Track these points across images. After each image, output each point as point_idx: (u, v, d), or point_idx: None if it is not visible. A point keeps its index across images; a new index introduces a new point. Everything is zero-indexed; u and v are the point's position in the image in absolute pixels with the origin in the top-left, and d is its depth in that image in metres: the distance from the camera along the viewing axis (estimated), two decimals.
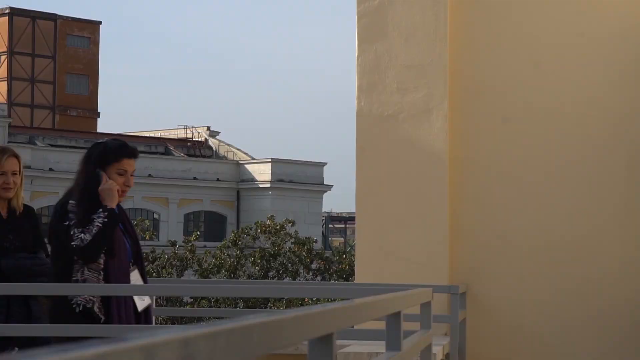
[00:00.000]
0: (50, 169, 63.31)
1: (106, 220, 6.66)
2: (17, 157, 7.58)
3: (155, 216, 67.08)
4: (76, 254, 6.66)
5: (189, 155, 72.47)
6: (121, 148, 7.11)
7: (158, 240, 58.16)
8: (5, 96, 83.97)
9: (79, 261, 6.71)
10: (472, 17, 10.71)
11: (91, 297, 6.67)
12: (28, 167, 62.07)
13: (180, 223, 68.26)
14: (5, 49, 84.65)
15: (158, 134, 76.16)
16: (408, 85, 10.58)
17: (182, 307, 31.26)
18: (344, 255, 42.00)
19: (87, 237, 6.61)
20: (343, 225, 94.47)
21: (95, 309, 6.66)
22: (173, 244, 41.49)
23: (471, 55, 10.71)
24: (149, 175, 67.15)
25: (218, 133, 76.08)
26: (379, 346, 7.97)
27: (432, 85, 10.54)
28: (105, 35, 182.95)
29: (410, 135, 10.52)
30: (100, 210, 6.71)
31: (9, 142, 61.58)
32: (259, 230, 42.50)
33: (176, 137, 75.16)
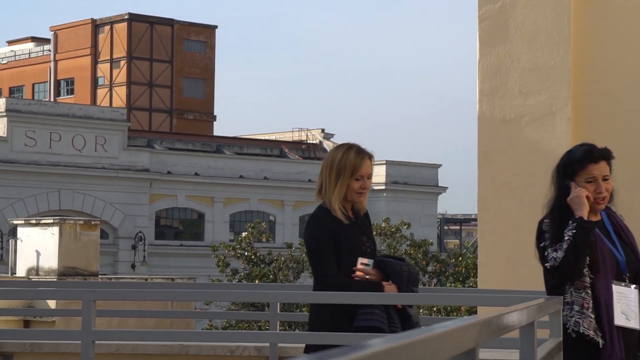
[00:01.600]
0: (168, 172, 64.36)
1: (574, 231, 6.06)
2: (372, 158, 7.17)
3: (271, 218, 67.67)
4: (555, 276, 6.13)
5: (304, 158, 72.88)
6: (585, 154, 6.39)
7: (274, 242, 58.72)
8: (125, 100, 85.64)
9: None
10: (596, 19, 10.54)
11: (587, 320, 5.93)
12: (147, 170, 63.20)
13: (295, 225, 68.69)
14: (124, 55, 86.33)
15: (273, 137, 76.76)
16: (531, 88, 10.47)
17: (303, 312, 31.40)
18: (460, 258, 41.73)
19: (560, 254, 6.06)
20: (458, 227, 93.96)
21: (591, 332, 5.89)
22: (289, 246, 41.73)
23: (595, 57, 10.55)
24: (265, 178, 67.80)
25: (332, 135, 76.34)
26: (506, 353, 7.89)
27: (555, 88, 10.41)
28: (221, 39, 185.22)
29: (532, 139, 10.40)
30: (570, 222, 6.14)
31: (128, 145, 62.78)
32: (375, 233, 42.51)
33: (291, 140, 75.64)
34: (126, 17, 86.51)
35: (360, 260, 6.78)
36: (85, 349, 7.51)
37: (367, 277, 6.70)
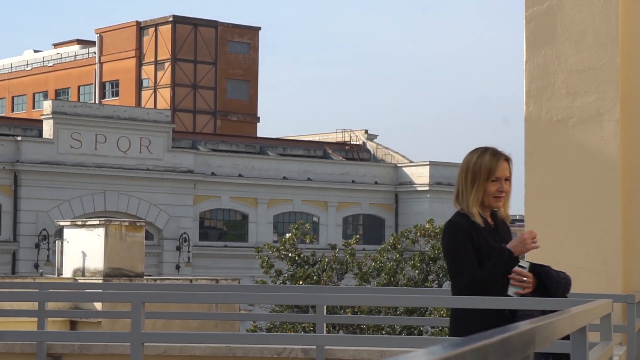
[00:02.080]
0: (212, 173, 64.58)
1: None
2: (509, 161, 6.89)
3: (315, 219, 67.70)
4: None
5: (347, 159, 72.85)
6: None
7: (317, 244, 58.74)
8: (169, 102, 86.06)
9: None
10: None
11: None
12: (191, 171, 63.49)
13: (339, 226, 68.67)
14: (168, 56, 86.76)
15: (317, 138, 76.80)
16: (578, 90, 10.40)
17: (355, 315, 31.41)
18: None
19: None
20: None
21: None
22: (333, 247, 41.75)
23: None
24: (308, 179, 67.85)
25: (376, 136, 76.26)
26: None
27: (603, 90, 10.34)
28: (264, 40, 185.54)
29: (580, 140, 10.34)
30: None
31: (172, 147, 63.09)
32: (419, 234, 42.42)
33: (334, 141, 75.64)
34: (170, 19, 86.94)
35: (520, 262, 6.73)
36: (135, 351, 7.55)
37: (524, 278, 6.65)
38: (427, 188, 69.55)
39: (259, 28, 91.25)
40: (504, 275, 6.56)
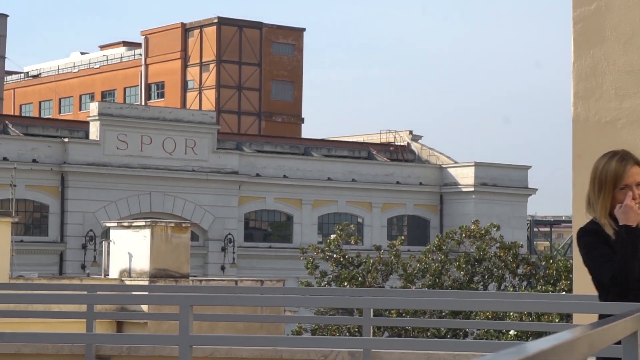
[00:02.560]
0: (257, 175, 64.77)
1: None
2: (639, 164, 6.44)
3: (359, 220, 67.68)
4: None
5: (392, 160, 72.76)
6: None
7: (362, 245, 58.73)
8: (214, 103, 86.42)
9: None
10: None
11: None
12: (236, 172, 63.72)
13: (383, 227, 68.62)
14: (213, 58, 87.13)
15: (361, 139, 76.78)
16: (627, 91, 10.31)
17: (400, 318, 31.34)
18: (551, 260, 41.29)
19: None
20: (548, 229, 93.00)
21: None
22: (378, 248, 41.69)
23: None
24: (353, 180, 67.86)
25: (420, 137, 76.10)
26: None
27: None
28: (309, 41, 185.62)
29: (629, 142, 10.24)
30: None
31: (217, 148, 63.36)
32: (464, 235, 42.27)
33: (379, 142, 75.59)
34: (215, 20, 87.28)
35: None
36: (183, 354, 7.58)
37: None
38: (472, 189, 69.32)
39: (304, 29, 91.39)
40: (635, 251, 6.20)
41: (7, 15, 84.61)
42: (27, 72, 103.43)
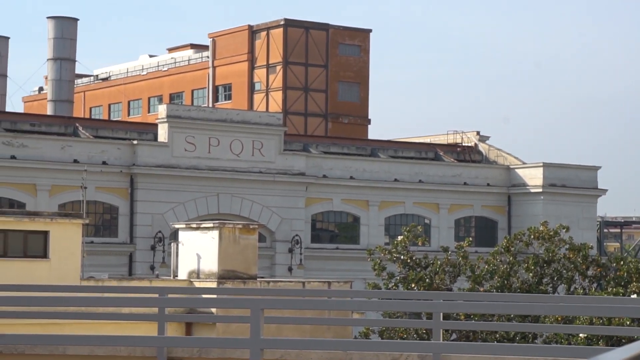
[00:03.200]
0: (324, 176, 64.82)
1: None
2: None
3: (426, 221, 67.45)
4: None
5: (459, 161, 72.43)
6: None
7: (429, 246, 58.51)
8: (281, 105, 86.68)
9: None
10: None
11: None
12: (303, 174, 63.82)
13: (450, 228, 68.32)
14: (280, 60, 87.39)
15: (428, 140, 76.53)
16: None
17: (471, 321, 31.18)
18: (621, 262, 40.80)
19: None
20: (619, 230, 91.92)
21: None
22: (445, 249, 41.48)
23: None
24: (420, 181, 67.62)
25: (488, 137, 75.64)
26: None
27: None
28: (375, 42, 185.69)
29: None
30: None
31: (284, 150, 63.52)
32: (532, 236, 41.93)
33: (446, 143, 75.27)
34: (282, 22, 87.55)
35: None
36: (254, 357, 7.62)
37: None
38: (540, 190, 68.76)
39: (370, 30, 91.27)
40: None
41: (77, 19, 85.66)
42: (97, 75, 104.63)
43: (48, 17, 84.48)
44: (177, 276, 35.40)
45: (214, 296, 10.50)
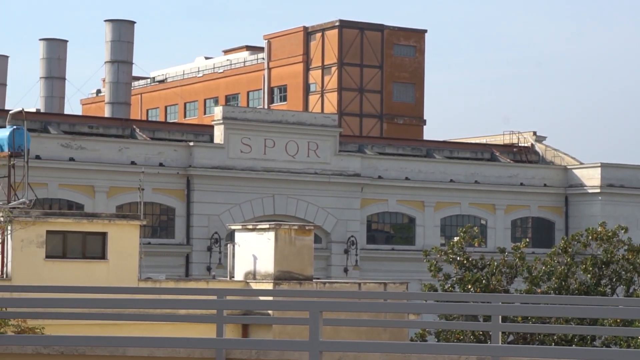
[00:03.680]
0: (379, 177, 64.74)
1: None
2: None
3: (482, 222, 67.12)
4: None
5: (515, 161, 72.00)
6: None
7: (486, 247, 58.19)
8: (336, 106, 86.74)
9: None
10: None
11: None
12: (358, 174, 63.79)
13: (507, 229, 67.93)
14: (335, 61, 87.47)
15: (484, 140, 76.15)
16: None
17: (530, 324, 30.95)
18: None
19: None
20: None
21: None
22: (502, 250, 41.25)
23: None
24: (475, 182, 67.31)
25: (544, 138, 75.11)
26: None
27: None
28: (430, 42, 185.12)
29: None
30: None
31: (339, 151, 63.54)
32: (590, 237, 41.59)
33: (502, 143, 74.86)
34: (337, 23, 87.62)
35: None
36: (313, 359, 7.63)
37: None
38: (598, 190, 68.15)
39: (425, 31, 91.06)
40: None
41: (134, 22, 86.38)
42: (154, 78, 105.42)
43: (105, 21, 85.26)
44: (233, 277, 35.56)
45: (271, 298, 10.53)
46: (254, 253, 34.98)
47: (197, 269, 59.19)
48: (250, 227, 36.50)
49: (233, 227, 39.25)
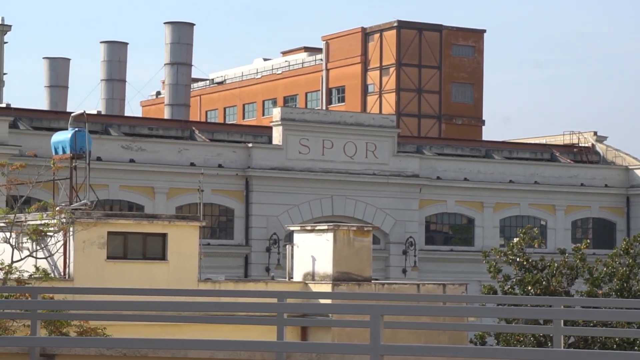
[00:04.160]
0: (438, 177, 64.55)
1: None
2: None
3: (542, 223, 66.66)
4: None
5: (576, 161, 71.38)
6: None
7: (546, 248, 57.78)
8: (394, 107, 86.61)
9: None
10: None
11: None
12: (416, 175, 63.65)
13: (567, 230, 67.38)
14: (393, 61, 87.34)
15: (543, 140, 75.59)
16: None
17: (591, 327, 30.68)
18: None
19: None
20: None
21: None
22: (562, 251, 40.90)
23: None
24: (535, 182, 66.85)
25: (605, 138, 74.38)
26: None
27: None
28: (489, 42, 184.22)
29: None
30: None
31: (398, 151, 63.45)
32: None
33: (562, 143, 74.25)
34: (395, 24, 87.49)
35: None
36: None
37: None
38: None
39: (484, 31, 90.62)
40: None
41: (193, 24, 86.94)
42: (212, 79, 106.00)
43: (165, 23, 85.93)
44: (292, 278, 35.65)
45: (330, 301, 10.57)
46: (313, 254, 35.05)
47: (256, 270, 59.40)
48: (309, 228, 36.56)
49: (292, 228, 39.34)
